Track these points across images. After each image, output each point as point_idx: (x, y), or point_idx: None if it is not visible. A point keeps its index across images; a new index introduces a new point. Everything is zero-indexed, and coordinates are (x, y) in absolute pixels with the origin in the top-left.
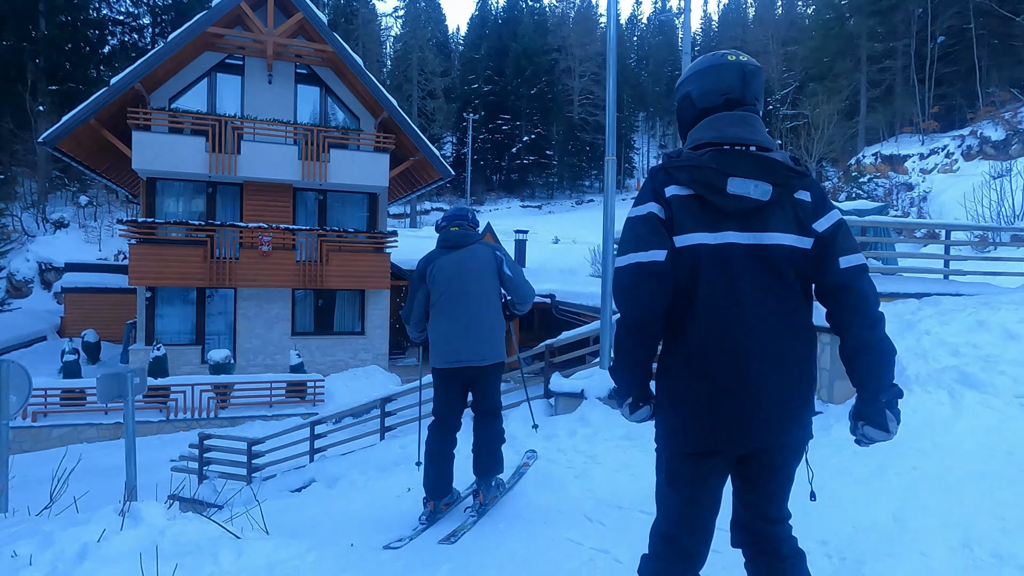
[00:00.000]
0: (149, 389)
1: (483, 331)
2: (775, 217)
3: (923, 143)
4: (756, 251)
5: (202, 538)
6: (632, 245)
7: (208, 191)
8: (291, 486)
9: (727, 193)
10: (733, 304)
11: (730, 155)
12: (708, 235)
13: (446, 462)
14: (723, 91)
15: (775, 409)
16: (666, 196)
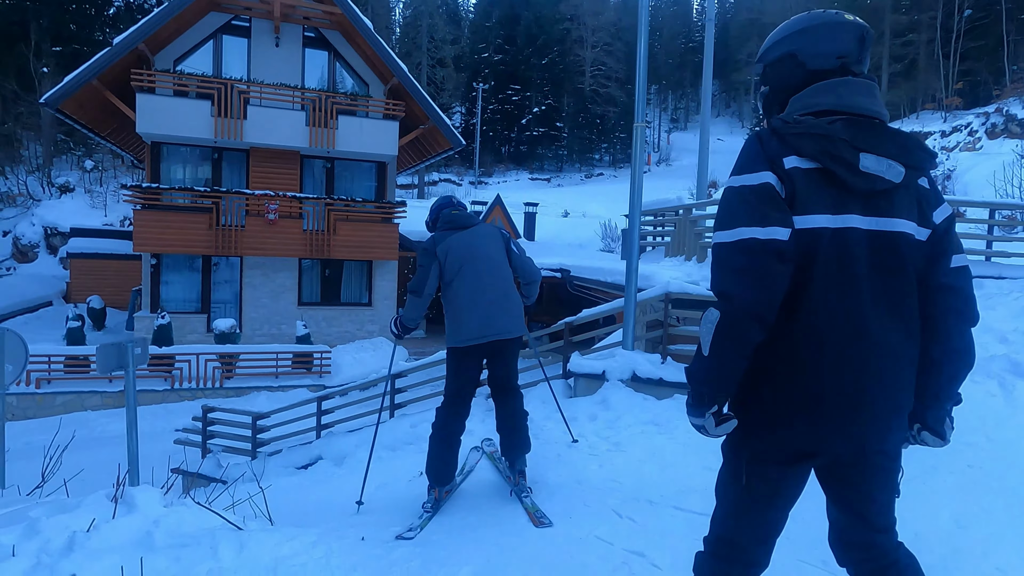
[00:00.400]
0: (153, 358)
1: (510, 304)
2: (902, 202)
3: (945, 120)
4: (879, 239)
5: (200, 529)
6: (746, 218)
7: (214, 157)
8: (297, 463)
9: (859, 170)
10: (851, 296)
11: (863, 126)
12: (830, 217)
13: (456, 447)
14: (839, 53)
15: (883, 413)
16: (785, 168)
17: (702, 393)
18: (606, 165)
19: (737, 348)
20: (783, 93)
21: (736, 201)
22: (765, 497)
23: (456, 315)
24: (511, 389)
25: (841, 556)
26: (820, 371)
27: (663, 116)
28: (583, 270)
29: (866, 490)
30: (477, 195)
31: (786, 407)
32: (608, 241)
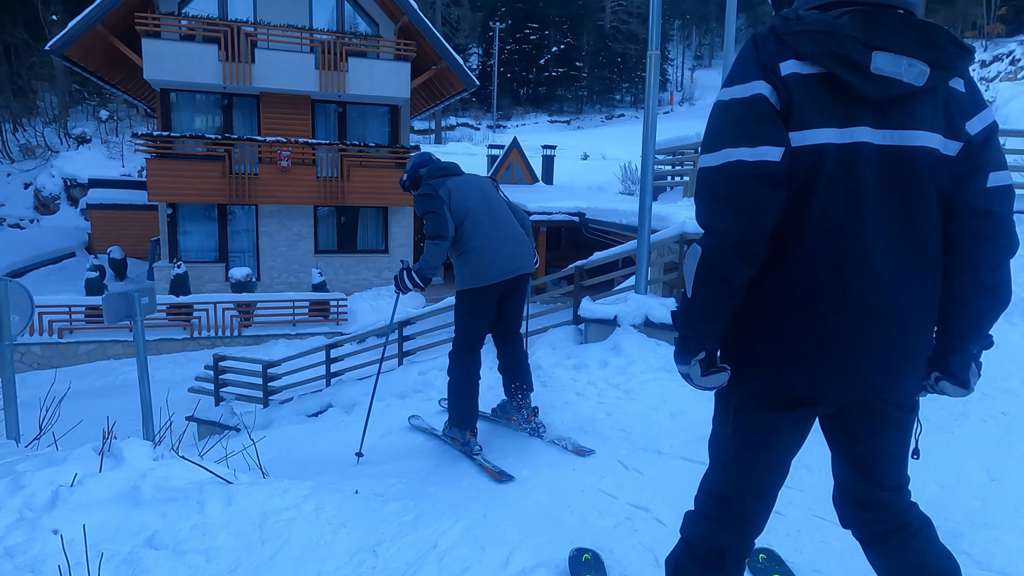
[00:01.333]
0: (171, 307)
1: (523, 239)
2: (924, 110)
3: (986, 48)
4: (893, 154)
5: (189, 483)
6: (732, 137)
7: (224, 104)
8: (308, 410)
9: (869, 73)
10: (857, 225)
11: (878, 19)
12: (835, 131)
13: (477, 386)
14: None
15: (893, 358)
16: (782, 74)
17: (687, 337)
18: (627, 106)
19: (722, 287)
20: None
21: (722, 118)
22: (755, 445)
23: (477, 255)
24: (516, 330)
25: (845, 516)
26: (818, 309)
27: (686, 53)
28: (598, 212)
29: (875, 445)
30: (495, 139)
31: (780, 349)
32: (628, 184)
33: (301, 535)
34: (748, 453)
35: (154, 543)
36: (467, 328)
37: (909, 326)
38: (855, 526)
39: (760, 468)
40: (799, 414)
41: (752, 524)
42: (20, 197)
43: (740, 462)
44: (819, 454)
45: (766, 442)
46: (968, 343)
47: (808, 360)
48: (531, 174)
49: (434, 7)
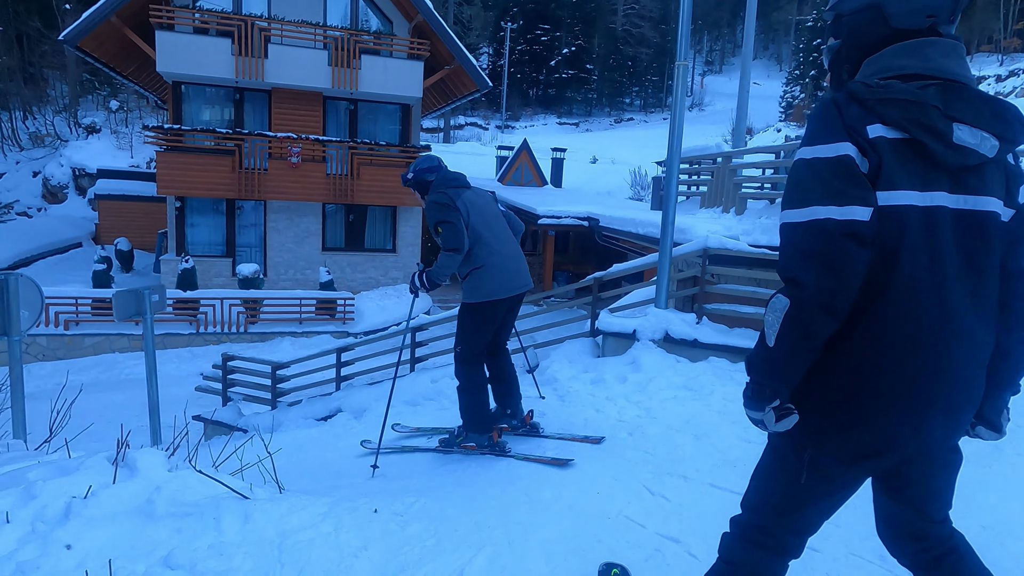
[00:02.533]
0: (178, 302)
1: (523, 255)
2: (992, 178)
3: (1002, 63)
4: (967, 219)
5: (205, 497)
6: (820, 196)
7: (236, 98)
8: (317, 414)
9: (952, 143)
10: (939, 285)
11: (957, 93)
12: (918, 194)
13: (488, 392)
14: (930, 10)
15: (960, 409)
16: (869, 136)
17: (763, 385)
18: (636, 109)
19: (805, 341)
20: (857, 51)
21: (809, 175)
22: (818, 496)
23: (489, 271)
24: (506, 343)
25: (896, 549)
26: (904, 365)
27: (697, 58)
28: (613, 220)
29: (928, 486)
30: (504, 140)
31: (864, 404)
32: (637, 189)
33: (321, 558)
34: (809, 502)
35: (170, 562)
36: (474, 339)
37: (977, 380)
38: (906, 556)
39: (814, 515)
40: (871, 465)
41: (792, 555)
42: (29, 186)
43: (801, 509)
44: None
45: (836, 494)
46: (1004, 391)
47: (891, 416)
48: (540, 176)
49: (446, 5)
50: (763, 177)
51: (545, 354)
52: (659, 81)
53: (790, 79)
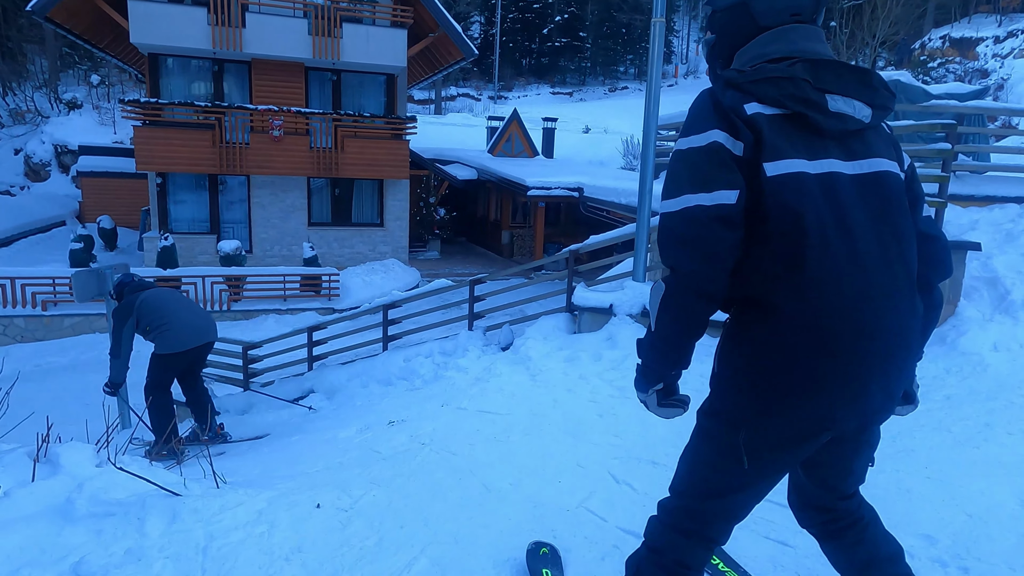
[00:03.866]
0: (158, 280)
1: (209, 320)
2: (877, 142)
3: (1000, 24)
4: (865, 182)
5: (132, 494)
6: (691, 183)
7: (214, 70)
8: (289, 395)
9: (829, 111)
10: (851, 251)
11: (824, 67)
12: (807, 162)
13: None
14: (794, 10)
15: (897, 382)
16: (747, 115)
17: (648, 367)
18: (631, 78)
19: (683, 324)
20: (729, 45)
21: (681, 165)
22: (752, 480)
23: (169, 331)
24: (199, 376)
25: (804, 519)
26: (830, 340)
27: (692, 24)
28: (597, 190)
29: (846, 466)
30: (496, 110)
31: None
32: (629, 159)
33: (248, 563)
34: (745, 486)
35: (80, 571)
36: (160, 378)
37: (911, 348)
38: (814, 526)
39: (751, 498)
40: (809, 446)
41: (723, 541)
42: (10, 163)
43: (733, 493)
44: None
45: (772, 477)
46: (918, 360)
47: (826, 392)
48: (531, 147)
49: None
50: None
51: (521, 330)
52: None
53: None
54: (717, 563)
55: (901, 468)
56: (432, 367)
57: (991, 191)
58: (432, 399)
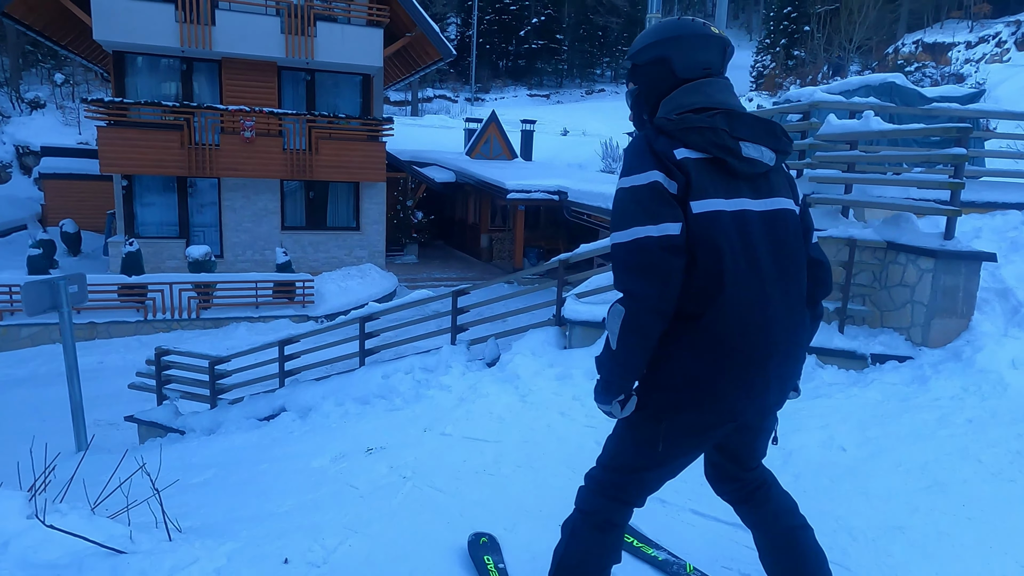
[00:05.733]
0: (123, 288)
1: None
2: (778, 182)
3: (971, 30)
4: (769, 218)
5: (66, 553)
6: (638, 217)
7: (183, 69)
8: (259, 413)
9: (743, 156)
10: (757, 277)
11: (737, 118)
12: (724, 201)
13: None
14: (706, 64)
15: (791, 379)
16: (677, 159)
17: (611, 382)
18: (607, 81)
19: (643, 341)
20: (653, 95)
21: (629, 201)
22: (669, 461)
23: None
24: None
25: (718, 488)
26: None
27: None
28: (582, 195)
29: (750, 447)
30: (473, 112)
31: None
32: (609, 161)
33: None
34: (662, 465)
35: None
36: None
37: (801, 354)
38: (726, 494)
39: (667, 475)
40: (716, 433)
41: (641, 504)
42: None
43: (652, 470)
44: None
45: (685, 457)
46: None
47: (733, 393)
48: (509, 149)
49: None
50: None
51: (507, 344)
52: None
53: (760, 48)
54: (631, 540)
55: (936, 507)
56: (413, 384)
57: (991, 197)
58: (413, 422)
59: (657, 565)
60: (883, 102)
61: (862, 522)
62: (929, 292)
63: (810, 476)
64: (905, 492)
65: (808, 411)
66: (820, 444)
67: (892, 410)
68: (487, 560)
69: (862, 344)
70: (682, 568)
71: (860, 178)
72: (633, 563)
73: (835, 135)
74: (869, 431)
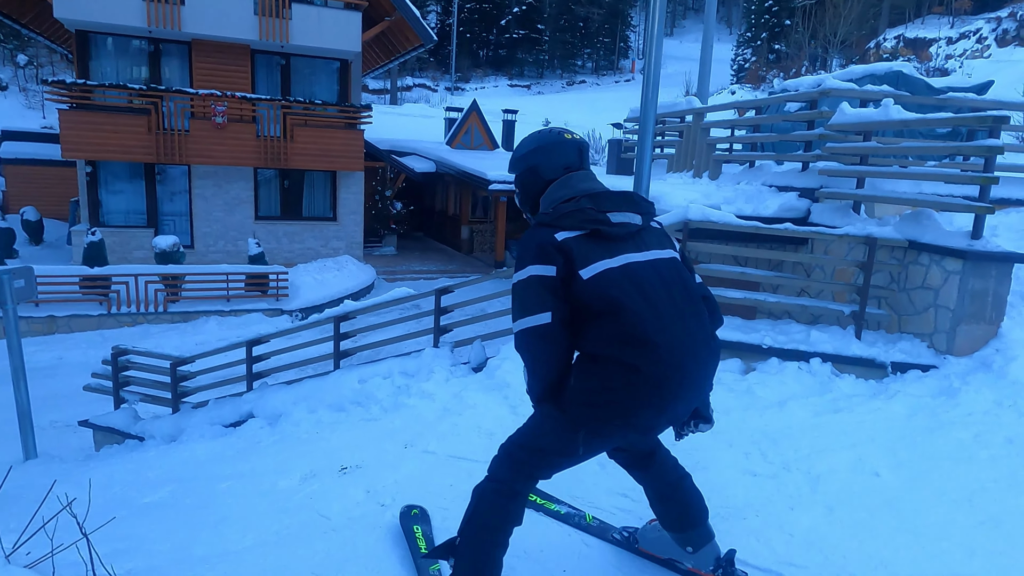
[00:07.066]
0: (85, 279)
1: None
2: (653, 238)
3: (952, 26)
4: (654, 265)
5: None
6: (520, 310)
7: (151, 50)
8: (225, 419)
9: (612, 223)
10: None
11: (602, 196)
12: (610, 260)
13: None
14: (565, 165)
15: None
16: (558, 241)
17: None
18: (588, 72)
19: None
20: (530, 196)
21: (515, 296)
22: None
23: None
24: None
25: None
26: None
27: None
28: None
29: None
30: (453, 101)
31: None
32: (593, 154)
33: None
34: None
35: None
36: None
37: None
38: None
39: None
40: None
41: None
42: None
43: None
44: None
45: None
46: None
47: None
48: (491, 140)
49: None
50: (744, 137)
51: (495, 348)
52: (611, 43)
53: (741, 41)
54: (534, 498)
55: (997, 549)
56: (392, 391)
57: (1004, 193)
58: (393, 436)
59: (560, 518)
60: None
61: (915, 571)
62: (956, 296)
63: (845, 508)
64: (956, 529)
65: (830, 427)
66: (850, 467)
67: (922, 427)
68: (416, 529)
69: (881, 351)
70: (582, 518)
71: (882, 171)
72: (539, 518)
73: (849, 125)
74: (901, 452)
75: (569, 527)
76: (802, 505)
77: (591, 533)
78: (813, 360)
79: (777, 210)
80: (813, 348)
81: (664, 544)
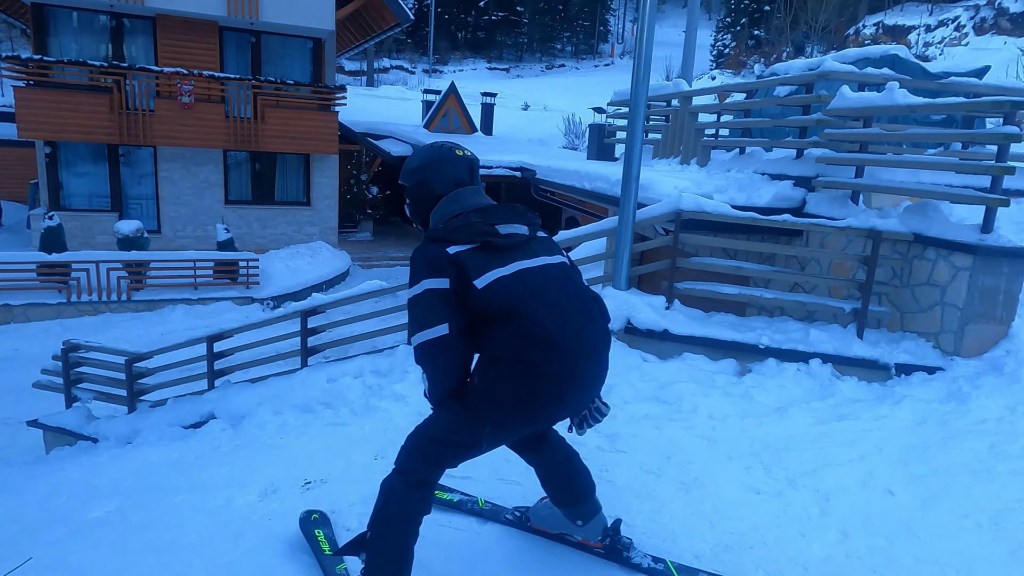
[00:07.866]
0: (43, 266)
1: None
2: (542, 246)
3: (931, 13)
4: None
5: None
6: (417, 324)
7: (112, 25)
8: (184, 420)
9: (501, 235)
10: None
11: (489, 211)
12: (502, 269)
13: None
14: (456, 180)
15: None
16: (451, 255)
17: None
18: (568, 56)
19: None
20: (421, 208)
21: (411, 309)
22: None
23: None
24: None
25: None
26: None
27: (628, 4)
28: (552, 172)
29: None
30: (431, 84)
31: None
32: (571, 138)
33: None
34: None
35: None
36: None
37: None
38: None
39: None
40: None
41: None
42: None
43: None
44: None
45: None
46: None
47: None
48: (469, 123)
49: None
50: (736, 122)
51: None
52: (591, 27)
53: (720, 27)
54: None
55: None
56: (363, 391)
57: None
58: (362, 444)
59: (453, 506)
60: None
61: None
62: (965, 293)
63: (860, 533)
64: (986, 560)
65: (835, 437)
66: (860, 484)
67: (933, 437)
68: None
69: (884, 352)
70: (475, 504)
71: (889, 160)
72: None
73: (851, 110)
74: (913, 466)
75: (463, 513)
76: (813, 530)
77: (484, 517)
78: (813, 361)
79: (771, 199)
80: (813, 348)
81: (555, 520)
